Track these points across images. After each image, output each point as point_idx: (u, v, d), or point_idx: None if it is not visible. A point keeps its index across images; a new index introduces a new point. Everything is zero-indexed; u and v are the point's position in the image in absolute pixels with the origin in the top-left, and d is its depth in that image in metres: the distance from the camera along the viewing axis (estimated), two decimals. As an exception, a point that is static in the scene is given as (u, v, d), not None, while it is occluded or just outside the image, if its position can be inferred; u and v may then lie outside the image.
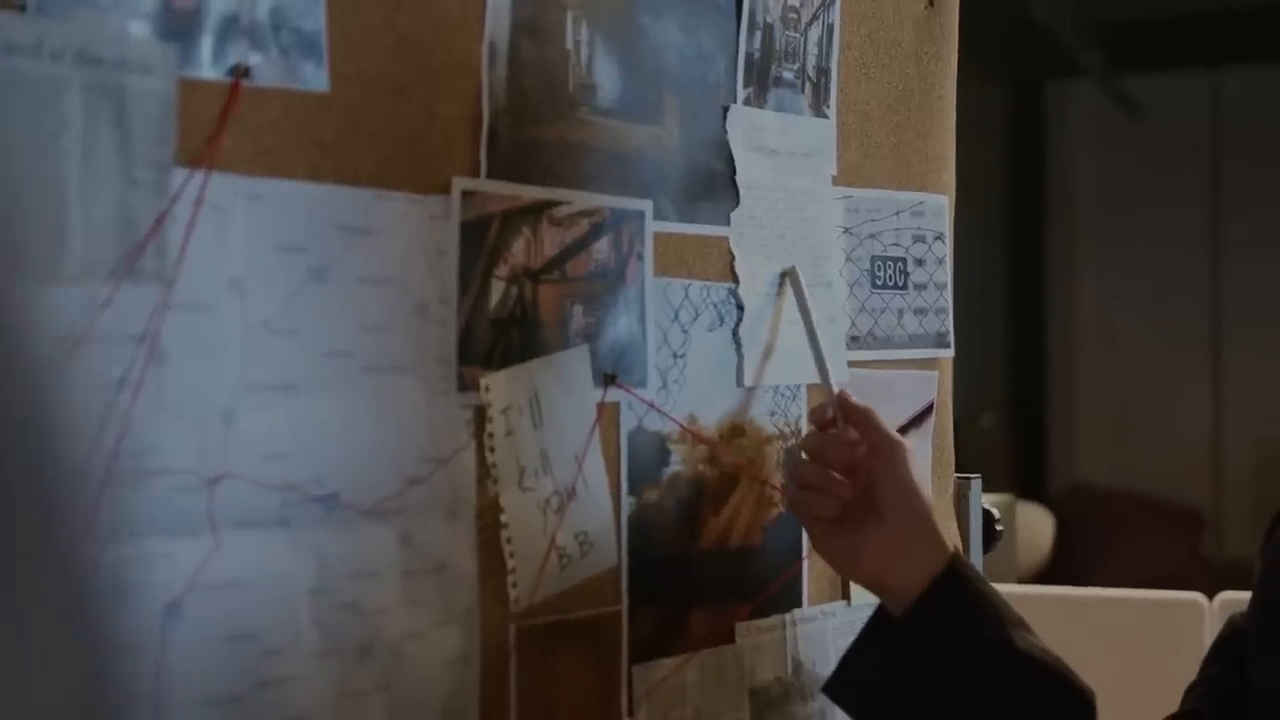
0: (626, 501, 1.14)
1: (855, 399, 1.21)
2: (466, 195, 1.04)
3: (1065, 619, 2.88)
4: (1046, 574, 5.04)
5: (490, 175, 1.05)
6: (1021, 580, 4.39)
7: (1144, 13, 6.19)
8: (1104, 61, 6.41)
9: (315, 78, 0.94)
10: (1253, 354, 6.70)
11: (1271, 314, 6.62)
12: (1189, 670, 1.33)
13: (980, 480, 1.49)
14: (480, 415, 1.04)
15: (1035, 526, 5.10)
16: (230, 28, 0.90)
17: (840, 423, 1.19)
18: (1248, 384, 6.71)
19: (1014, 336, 6.94)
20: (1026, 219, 7.02)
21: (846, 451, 1.18)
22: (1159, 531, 6.13)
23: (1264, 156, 6.62)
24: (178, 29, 0.87)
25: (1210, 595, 3.04)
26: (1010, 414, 6.76)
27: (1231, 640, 1.26)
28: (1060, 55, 6.37)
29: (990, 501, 1.53)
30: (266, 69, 0.92)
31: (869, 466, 1.17)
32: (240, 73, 0.91)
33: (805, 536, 1.27)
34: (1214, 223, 6.85)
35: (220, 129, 0.89)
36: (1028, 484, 6.30)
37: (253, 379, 0.90)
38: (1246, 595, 1.27)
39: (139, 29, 0.85)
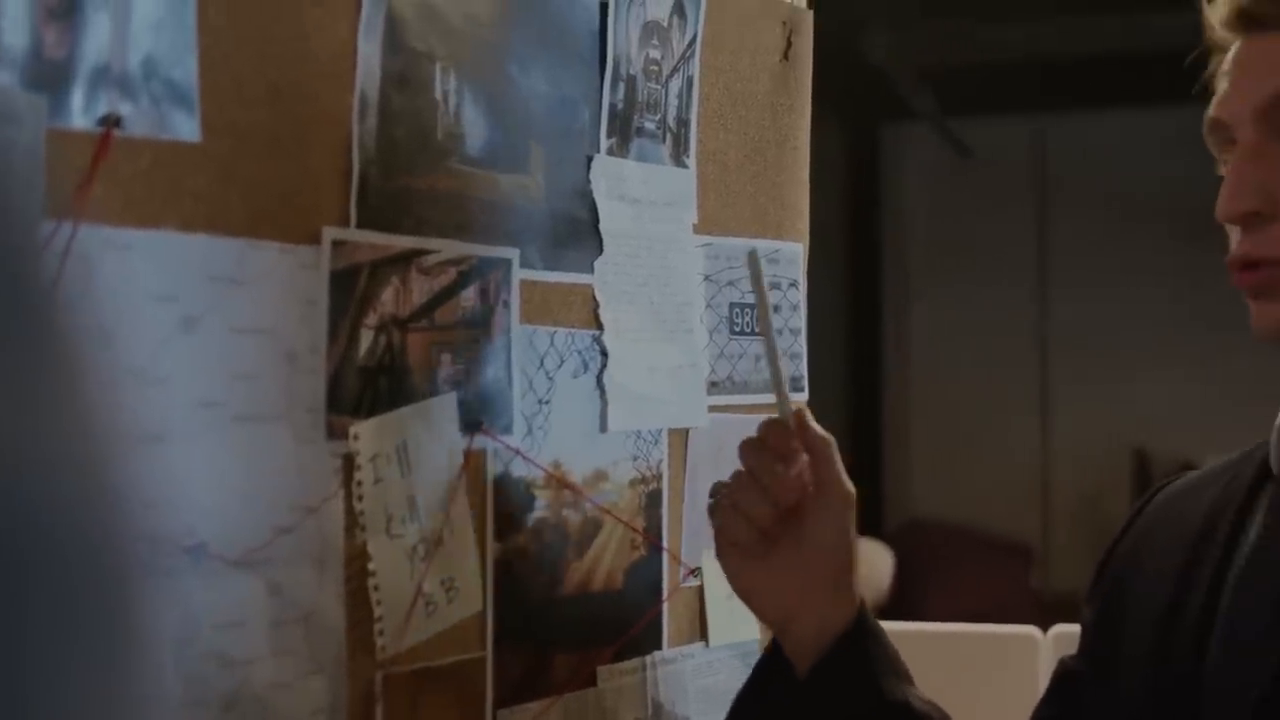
0: (492, 547, 1.15)
1: (816, 425, 1.17)
2: (336, 245, 1.04)
3: (906, 653, 2.95)
4: (886, 609, 5.14)
5: (360, 225, 1.06)
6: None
7: (974, 59, 6.39)
8: (935, 105, 6.60)
9: (187, 128, 0.94)
10: (1077, 390, 6.92)
11: (1095, 351, 6.85)
12: (1025, 701, 1.37)
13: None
14: (349, 463, 1.04)
15: (876, 562, 5.20)
16: (101, 77, 0.90)
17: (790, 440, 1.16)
18: (1073, 419, 6.94)
19: (850, 373, 7.08)
20: (862, 257, 7.18)
21: (793, 491, 1.15)
22: (989, 564, 6.29)
23: (1085, 199, 6.87)
24: (47, 79, 0.86)
25: (1042, 627, 3.13)
26: (847, 450, 6.88)
27: (1064, 681, 1.31)
28: (894, 99, 6.54)
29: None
30: (138, 119, 0.91)
31: (809, 503, 1.15)
32: (111, 123, 0.90)
33: (665, 580, 1.29)
34: (1040, 261, 7.08)
35: (90, 179, 0.89)
36: (864, 519, 6.41)
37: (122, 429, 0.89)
38: (1079, 629, 1.32)
39: (7, 78, 0.84)
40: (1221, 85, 1.13)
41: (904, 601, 5.43)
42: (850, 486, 1.16)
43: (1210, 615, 1.12)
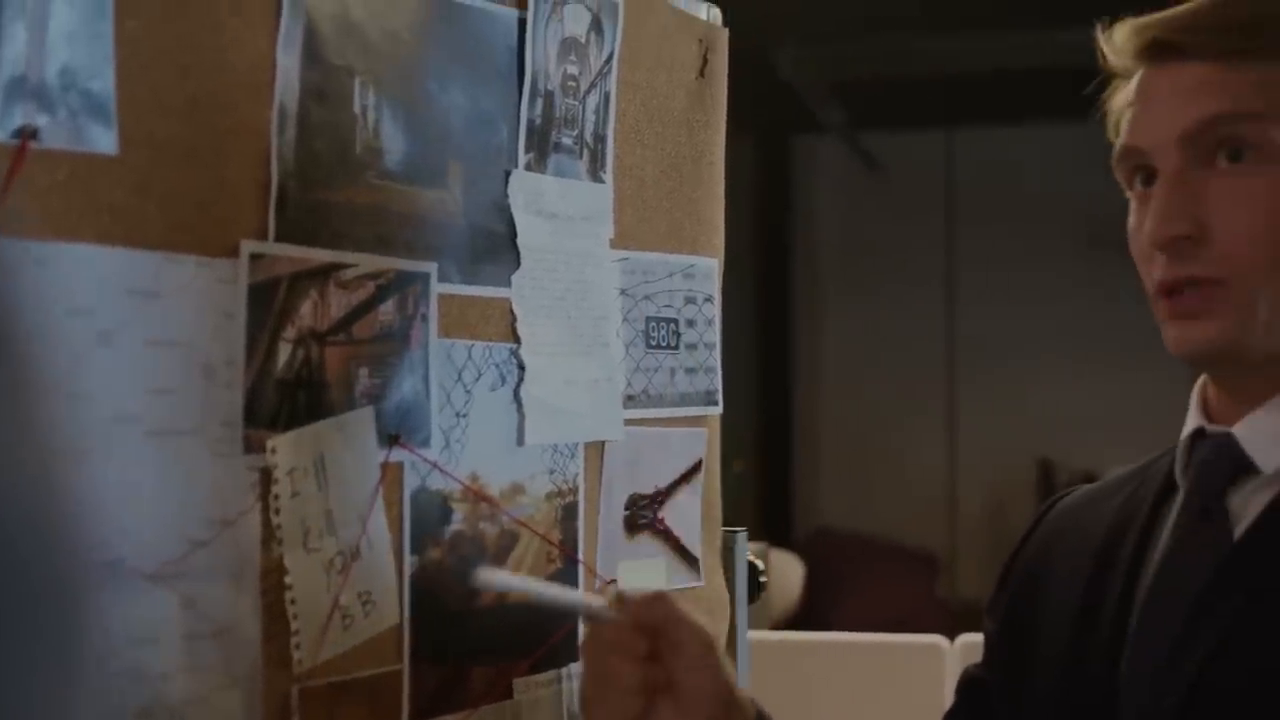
0: (409, 560, 1.16)
1: (637, 593, 1.12)
2: (255, 258, 1.04)
3: (815, 664, 2.97)
4: (796, 619, 5.18)
5: (278, 238, 1.06)
6: (774, 626, 4.50)
7: (883, 73, 6.46)
8: (845, 119, 6.66)
9: (104, 140, 0.94)
10: (984, 400, 7.02)
11: (1001, 362, 6.95)
12: (933, 710, 1.40)
13: (745, 533, 1.55)
14: (266, 477, 1.04)
15: (786, 573, 5.23)
16: (17, 89, 0.89)
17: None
18: (979, 429, 7.03)
19: (761, 383, 7.13)
20: (773, 269, 7.23)
21: (639, 672, 1.10)
22: (897, 573, 6.36)
23: (993, 212, 6.97)
24: (-36, 89, 0.86)
25: (948, 635, 3.17)
26: (758, 460, 6.92)
27: (971, 690, 1.33)
28: (804, 113, 6.60)
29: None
30: (55, 131, 0.91)
31: (672, 664, 1.10)
32: (28, 135, 0.90)
33: (582, 590, 1.30)
34: (948, 274, 7.17)
35: (5, 192, 0.88)
36: (774, 529, 6.46)
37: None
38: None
39: (-77, 88, 0.84)
40: (1130, 114, 1.16)
41: (813, 610, 5.47)
42: (704, 629, 1.11)
43: (1123, 625, 1.15)
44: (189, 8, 1.00)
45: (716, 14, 1.54)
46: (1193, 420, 1.19)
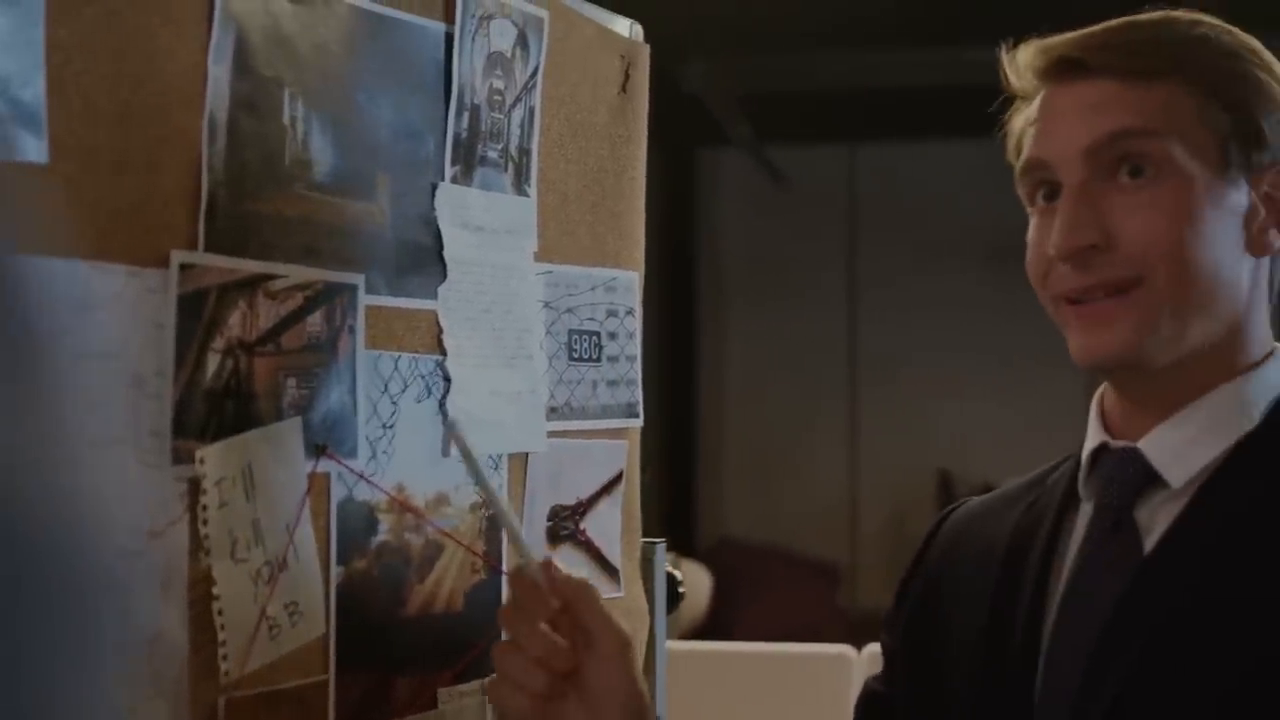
0: (336, 571, 1.16)
1: (567, 573, 1.13)
2: (184, 268, 1.04)
3: (725, 673, 3.00)
4: (702, 629, 5.21)
5: (208, 248, 1.06)
6: (682, 636, 4.53)
7: (788, 87, 6.53)
8: (751, 133, 6.72)
9: (34, 149, 0.94)
10: (885, 412, 7.10)
11: (902, 374, 7.04)
12: (842, 718, 1.42)
13: (664, 544, 1.56)
14: (194, 487, 1.04)
15: (694, 583, 5.26)
16: (-50, 96, 0.89)
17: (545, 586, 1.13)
18: (880, 441, 7.11)
19: (666, 396, 7.16)
20: (678, 281, 7.27)
21: (563, 656, 1.11)
22: (798, 584, 6.42)
23: (895, 227, 7.06)
24: (-104, 96, 0.85)
25: (850, 643, 3.21)
26: (662, 471, 6.95)
27: (872, 705, 1.34)
28: (710, 126, 6.64)
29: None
30: (-14, 139, 0.90)
31: (584, 655, 1.11)
32: (-40, 142, 0.89)
33: (504, 602, 1.31)
34: (850, 287, 7.25)
35: (-63, 198, 0.87)
36: (677, 539, 6.49)
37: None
38: None
39: None
40: (1034, 130, 1.19)
41: (716, 620, 5.50)
42: (622, 629, 1.12)
43: (1035, 639, 1.17)
44: (121, 16, 1.00)
45: (638, 30, 1.56)
46: (1095, 434, 1.21)
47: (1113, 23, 1.18)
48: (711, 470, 7.29)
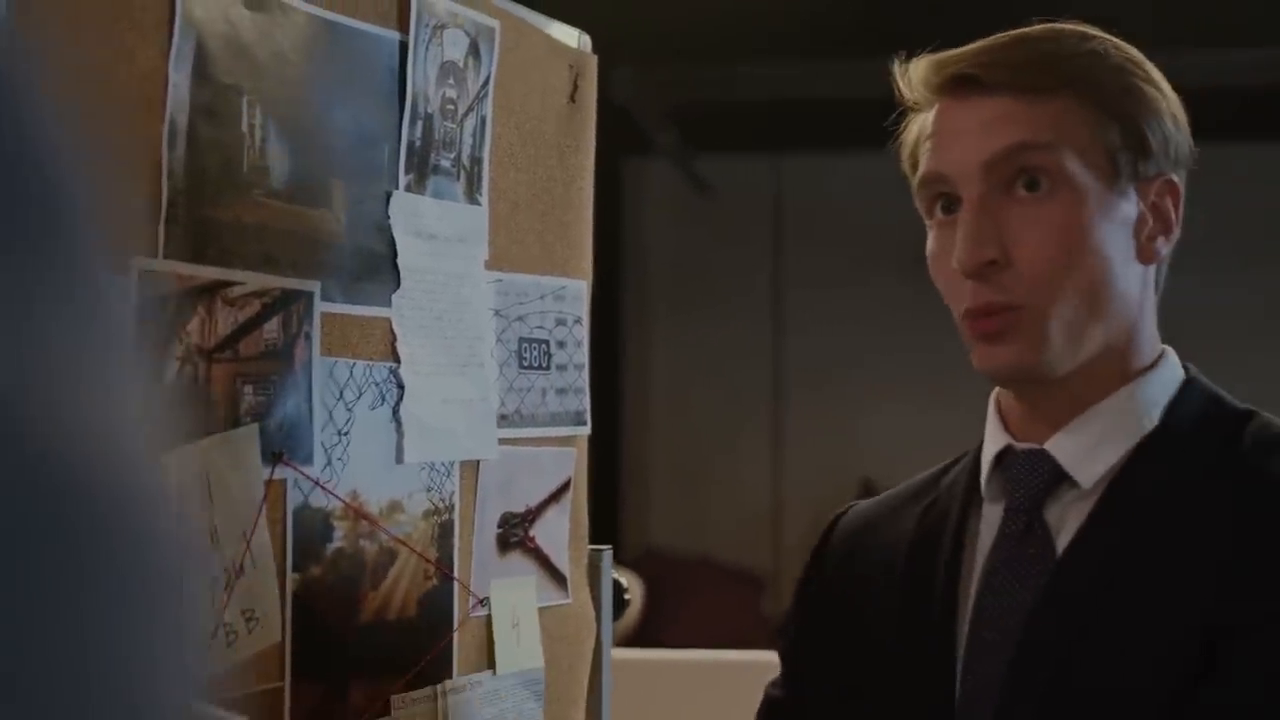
0: (291, 578, 1.16)
1: None
2: (144, 274, 1.04)
3: (654, 682, 3.01)
4: (632, 637, 5.22)
5: (168, 255, 1.06)
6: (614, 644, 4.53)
7: (714, 97, 6.56)
8: (677, 142, 6.75)
9: (-1, 153, 0.93)
10: (809, 421, 7.16)
11: (827, 384, 7.09)
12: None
13: (611, 551, 1.58)
14: (153, 494, 1.03)
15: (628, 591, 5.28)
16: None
17: None
18: (805, 451, 7.16)
19: (593, 404, 7.16)
20: (603, 291, 7.26)
21: None
22: (723, 592, 6.45)
23: (820, 237, 7.12)
24: None
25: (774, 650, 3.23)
26: (588, 481, 6.95)
27: (773, 711, 1.36)
28: (637, 135, 6.67)
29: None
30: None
31: None
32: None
33: (456, 609, 1.32)
34: (775, 297, 7.30)
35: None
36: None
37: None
38: None
39: None
40: (930, 144, 1.22)
41: (644, 629, 5.52)
42: None
43: (950, 641, 1.19)
44: (82, 19, 0.99)
45: (586, 40, 1.57)
46: (997, 437, 1.24)
47: (1004, 38, 1.21)
48: (637, 480, 7.30)
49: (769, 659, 3.11)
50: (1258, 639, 1.08)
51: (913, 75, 1.23)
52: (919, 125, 1.25)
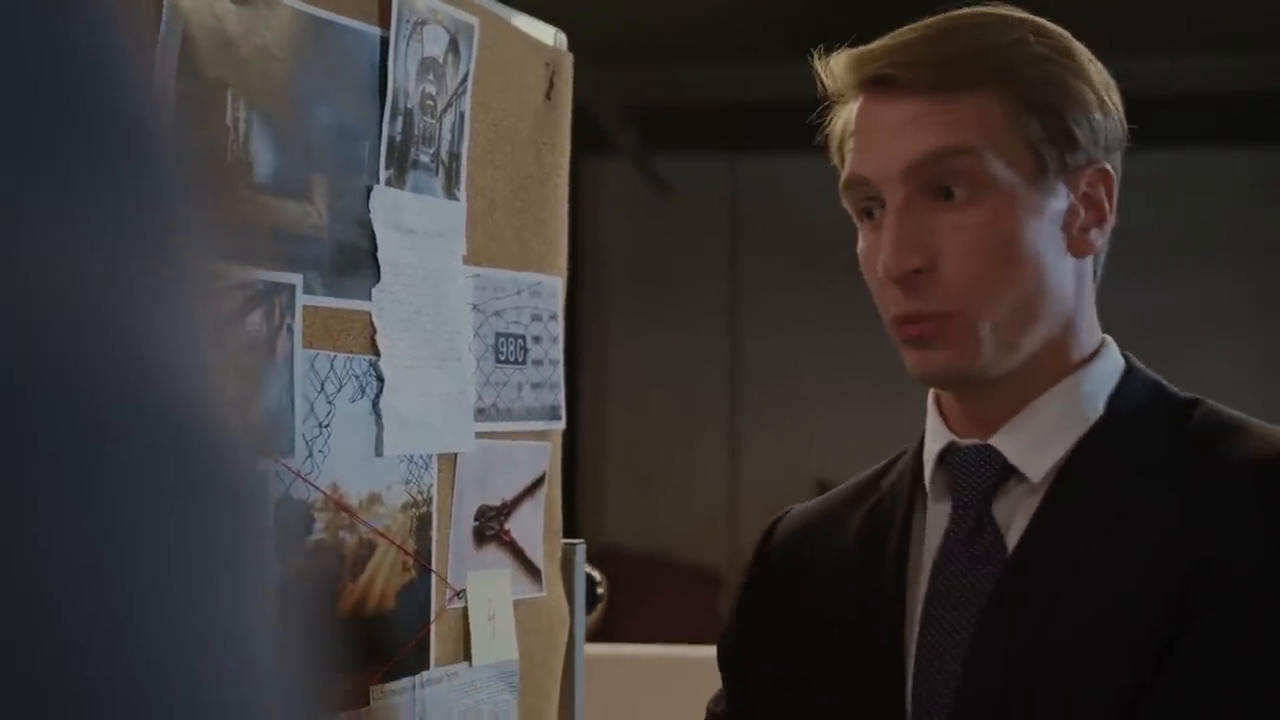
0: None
1: None
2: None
3: (616, 677, 3.02)
4: (593, 633, 5.24)
5: (153, 246, 1.06)
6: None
7: (673, 98, 6.58)
8: (637, 142, 6.77)
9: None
10: (765, 422, 7.19)
11: (782, 384, 7.13)
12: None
13: (584, 545, 1.59)
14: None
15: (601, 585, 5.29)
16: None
17: None
18: (760, 451, 7.19)
19: (547, 401, 7.16)
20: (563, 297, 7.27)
21: None
22: (680, 592, 6.46)
23: (776, 238, 7.15)
24: None
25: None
26: (543, 477, 6.95)
27: None
28: (595, 134, 6.68)
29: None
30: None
31: None
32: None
33: (434, 601, 1.33)
34: (732, 297, 7.33)
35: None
36: (560, 545, 6.49)
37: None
38: None
39: None
40: (852, 144, 1.20)
41: (602, 626, 5.53)
42: None
43: (898, 640, 1.17)
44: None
45: (563, 39, 1.58)
46: (939, 434, 1.23)
47: (924, 29, 1.19)
48: (594, 479, 7.31)
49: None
50: (1216, 629, 1.07)
51: (834, 68, 1.21)
52: (844, 118, 1.22)
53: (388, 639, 1.28)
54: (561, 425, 1.52)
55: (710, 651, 3.22)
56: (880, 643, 1.18)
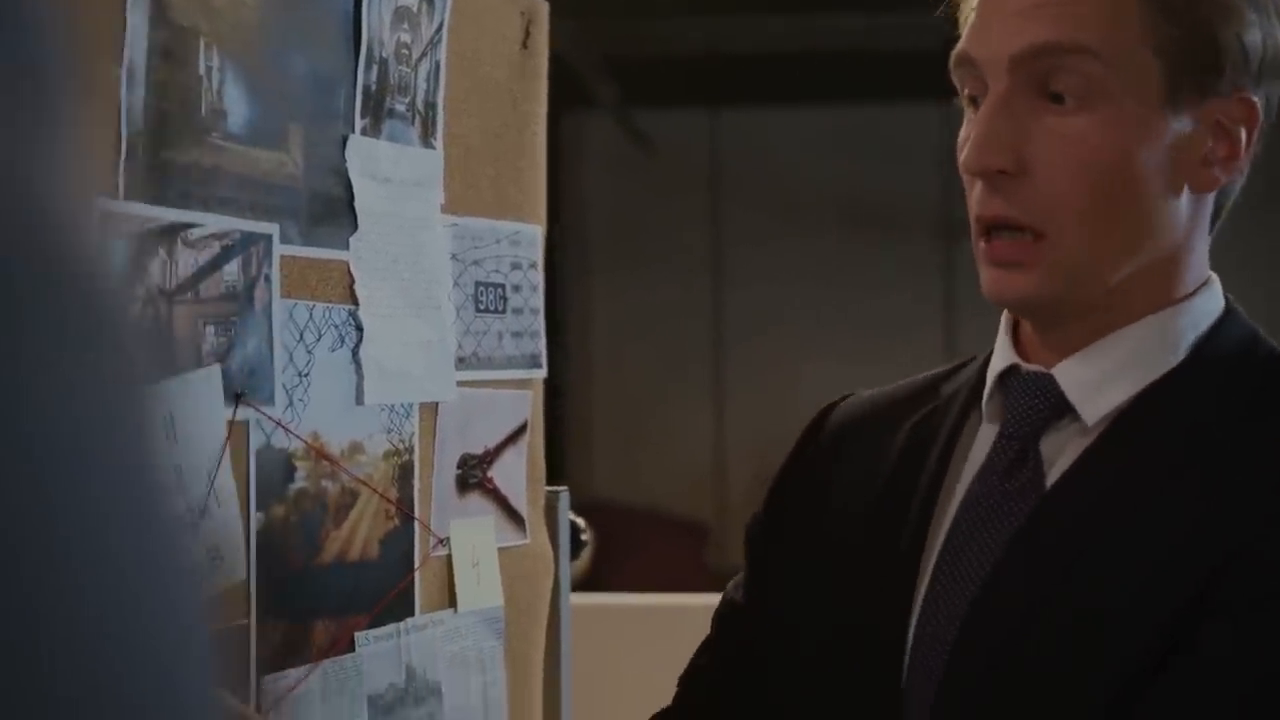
0: (255, 517, 1.17)
1: None
2: (104, 216, 1.04)
3: (607, 625, 3.05)
4: (579, 585, 5.26)
5: (128, 196, 1.06)
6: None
7: (654, 51, 6.56)
8: (618, 96, 6.75)
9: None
10: (750, 375, 7.20)
11: (767, 337, 7.14)
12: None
13: (568, 492, 1.59)
14: (118, 434, 1.04)
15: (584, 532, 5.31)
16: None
17: None
18: (745, 404, 7.21)
19: (532, 357, 7.16)
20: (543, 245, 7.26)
21: None
22: (667, 544, 6.49)
23: (757, 192, 7.15)
24: None
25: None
26: (529, 432, 6.96)
27: (728, 620, 1.27)
28: (575, 88, 6.66)
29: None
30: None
31: None
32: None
33: (417, 549, 1.33)
34: (715, 251, 7.33)
35: None
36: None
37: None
38: None
39: None
40: (971, 19, 1.09)
41: (588, 578, 5.55)
42: None
43: (917, 556, 1.11)
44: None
45: (538, -12, 1.58)
46: (1004, 354, 1.13)
47: None
48: (580, 434, 7.33)
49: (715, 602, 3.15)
50: (1243, 622, 0.98)
51: None
52: None
53: (372, 586, 1.28)
54: (543, 373, 1.52)
55: (699, 600, 3.25)
56: (894, 554, 1.12)
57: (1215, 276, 1.13)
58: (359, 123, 1.29)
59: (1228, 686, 0.98)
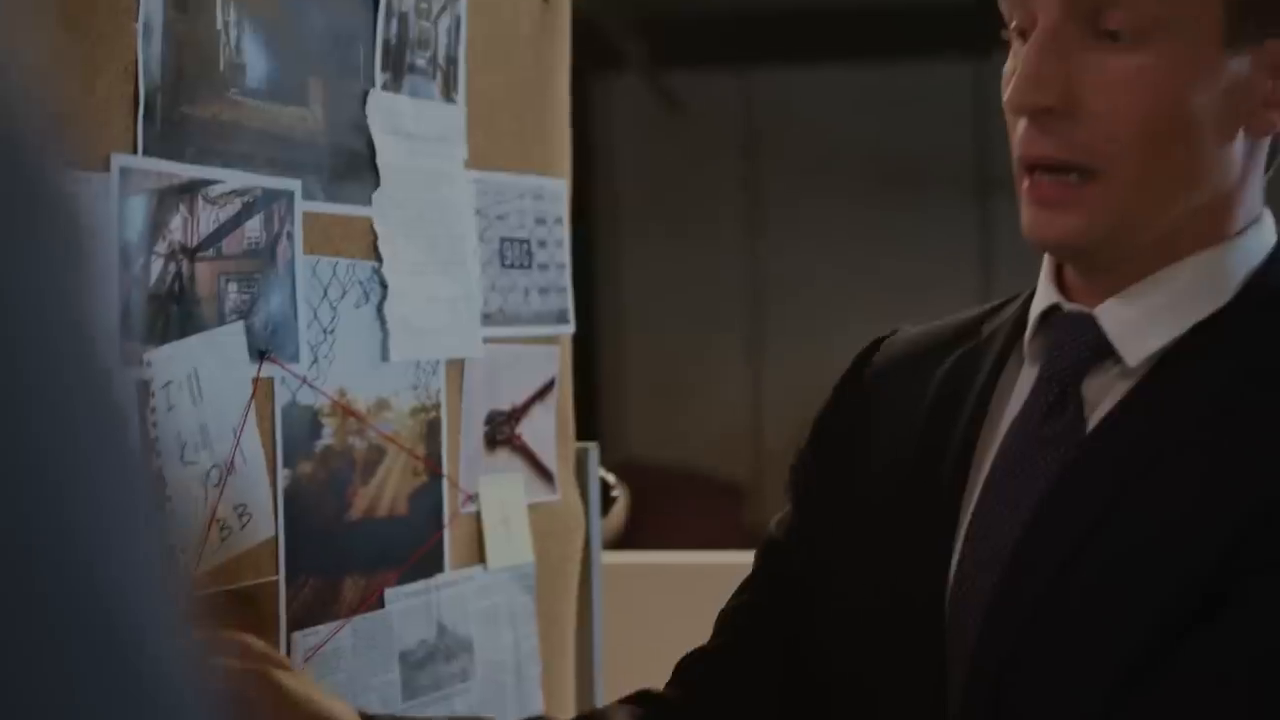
0: (282, 474, 1.17)
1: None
2: (125, 172, 1.04)
3: (637, 584, 3.04)
4: (618, 541, 5.26)
5: (147, 152, 1.06)
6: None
7: (684, 10, 6.52)
8: (647, 56, 6.71)
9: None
10: (786, 336, 7.18)
11: (802, 298, 7.11)
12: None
13: (598, 448, 1.59)
14: (142, 390, 1.04)
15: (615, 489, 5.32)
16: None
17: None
18: (782, 365, 7.19)
19: (566, 321, 7.15)
20: (574, 207, 7.25)
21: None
22: (704, 504, 6.49)
23: (791, 152, 7.10)
24: None
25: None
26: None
27: (772, 556, 1.23)
28: (606, 48, 6.62)
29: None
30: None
31: None
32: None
33: (446, 505, 1.33)
34: (750, 213, 7.29)
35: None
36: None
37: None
38: None
39: None
40: None
41: (626, 539, 5.56)
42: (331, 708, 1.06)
43: (956, 496, 1.08)
44: (54, -82, 0.99)
45: (559, -61, 1.56)
46: (1046, 293, 1.09)
47: None
48: (615, 394, 7.33)
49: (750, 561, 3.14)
50: (1260, 586, 0.94)
51: None
52: None
53: (401, 542, 1.28)
54: (570, 329, 1.51)
55: (735, 558, 3.24)
56: (935, 494, 1.09)
57: (1269, 212, 1.08)
58: (380, 77, 1.28)
59: (1272, 640, 0.95)
